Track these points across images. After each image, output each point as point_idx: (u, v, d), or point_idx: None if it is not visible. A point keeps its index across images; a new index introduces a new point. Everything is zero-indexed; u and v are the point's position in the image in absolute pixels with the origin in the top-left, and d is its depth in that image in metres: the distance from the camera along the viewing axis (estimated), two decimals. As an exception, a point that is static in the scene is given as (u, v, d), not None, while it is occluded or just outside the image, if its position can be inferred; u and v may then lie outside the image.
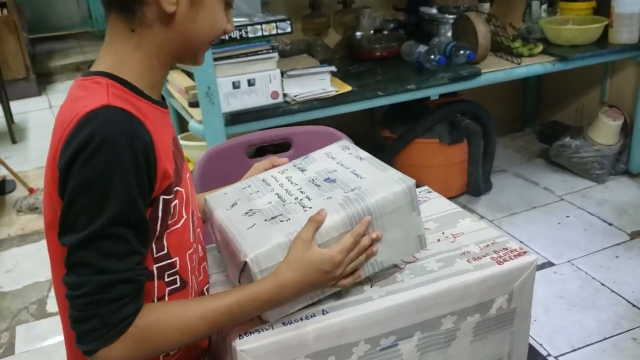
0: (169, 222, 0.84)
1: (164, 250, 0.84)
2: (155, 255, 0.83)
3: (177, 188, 0.85)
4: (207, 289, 0.98)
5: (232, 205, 0.93)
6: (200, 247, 0.95)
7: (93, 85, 0.80)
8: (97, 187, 0.73)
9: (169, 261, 0.85)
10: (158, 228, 0.82)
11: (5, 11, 4.89)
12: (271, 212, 0.89)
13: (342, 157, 1.01)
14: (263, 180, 1.00)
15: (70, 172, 0.74)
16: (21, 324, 2.19)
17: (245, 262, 0.81)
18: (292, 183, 0.96)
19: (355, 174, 0.94)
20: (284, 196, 0.93)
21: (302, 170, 0.99)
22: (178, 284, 0.87)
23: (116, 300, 0.75)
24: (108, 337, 0.75)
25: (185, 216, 0.87)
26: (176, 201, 0.84)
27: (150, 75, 0.84)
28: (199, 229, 0.95)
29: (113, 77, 0.81)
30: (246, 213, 0.90)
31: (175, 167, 0.85)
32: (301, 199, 0.90)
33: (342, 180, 0.93)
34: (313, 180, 0.95)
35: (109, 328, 0.75)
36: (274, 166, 1.07)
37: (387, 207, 0.88)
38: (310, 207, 0.87)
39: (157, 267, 0.84)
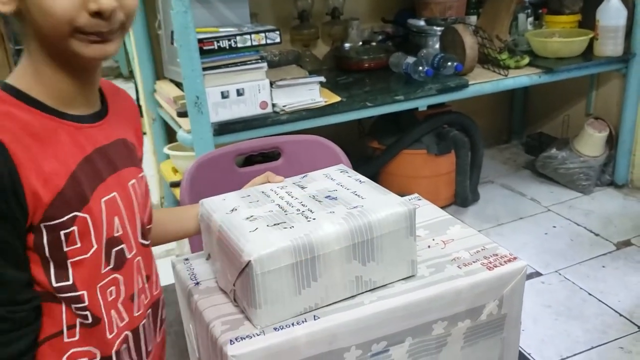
0: (67, 250, 0.76)
1: (68, 281, 0.77)
2: (55, 285, 0.77)
3: (77, 214, 0.76)
4: (153, 324, 0.94)
5: (232, 210, 0.92)
6: (139, 278, 0.88)
7: None
8: None
9: (74, 294, 0.78)
10: (49, 257, 0.75)
11: (-9, 22, 4.87)
12: (273, 220, 0.88)
13: (342, 179, 1.02)
14: (262, 192, 0.99)
15: None
16: None
17: (248, 262, 0.80)
18: (292, 197, 0.96)
19: (356, 195, 0.94)
20: (286, 207, 0.92)
21: (302, 188, 1.00)
22: (90, 320, 0.80)
23: None
24: None
25: (95, 246, 0.79)
26: (73, 228, 0.76)
27: (47, 82, 0.77)
28: (139, 257, 0.88)
29: (7, 87, 0.76)
30: (247, 218, 0.89)
31: (73, 188, 0.75)
32: (303, 211, 0.90)
33: (344, 199, 0.93)
34: (314, 196, 0.95)
35: None
36: (269, 181, 1.05)
37: (388, 227, 0.88)
38: (314, 219, 0.87)
39: (62, 297, 0.77)
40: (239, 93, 2.06)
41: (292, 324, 0.84)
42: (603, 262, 2.35)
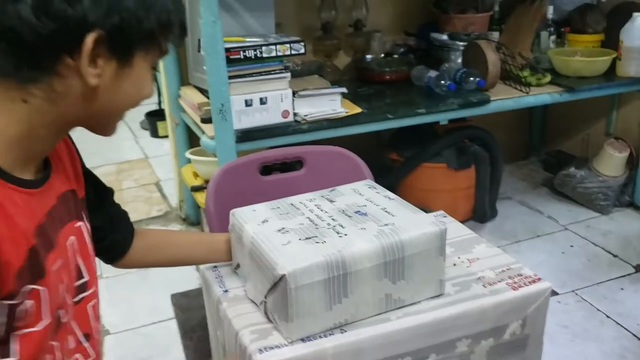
0: (16, 325, 0.70)
1: (8, 355, 0.70)
2: None
3: (33, 286, 0.70)
4: None
5: (263, 222, 0.94)
6: (71, 339, 0.82)
7: None
8: None
9: None
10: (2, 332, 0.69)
11: None
12: (305, 233, 0.89)
13: (370, 194, 1.03)
14: (291, 204, 1.01)
15: None
16: None
17: (283, 276, 0.81)
18: (322, 210, 0.97)
19: (386, 212, 0.95)
20: (316, 221, 0.93)
21: (331, 201, 1.01)
22: None
23: None
24: None
25: (44, 319, 0.72)
26: (29, 302, 0.70)
27: (29, 146, 0.71)
28: (72, 318, 0.81)
29: None
30: (279, 230, 0.91)
31: (31, 261, 0.69)
32: (334, 226, 0.91)
33: (374, 215, 0.94)
34: (344, 211, 0.96)
35: None
36: None
37: (419, 247, 0.89)
38: (346, 234, 0.88)
39: None
40: (262, 102, 2.08)
41: (320, 336, 0.85)
42: (621, 284, 2.33)
